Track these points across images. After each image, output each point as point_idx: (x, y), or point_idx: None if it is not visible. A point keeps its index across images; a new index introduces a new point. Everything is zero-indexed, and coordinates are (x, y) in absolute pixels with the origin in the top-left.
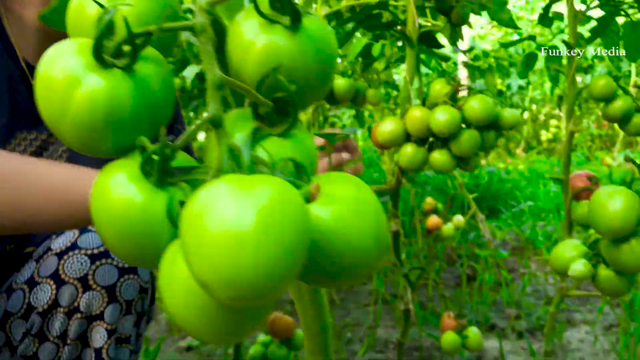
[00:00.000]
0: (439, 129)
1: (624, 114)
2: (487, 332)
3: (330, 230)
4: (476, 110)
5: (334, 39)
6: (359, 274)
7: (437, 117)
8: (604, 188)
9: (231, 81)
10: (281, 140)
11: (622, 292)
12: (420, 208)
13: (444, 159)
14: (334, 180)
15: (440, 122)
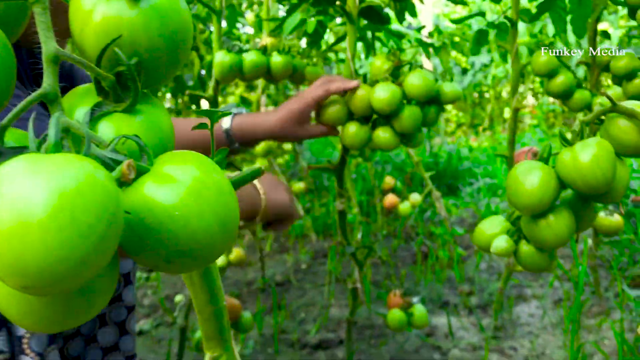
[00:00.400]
0: (380, 106)
1: (565, 89)
2: (439, 309)
3: (164, 212)
4: (416, 86)
5: (185, 11)
6: (200, 257)
7: (377, 94)
8: (521, 164)
9: (68, 55)
10: (127, 116)
11: (544, 268)
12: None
13: (387, 136)
14: (177, 160)
15: (380, 99)
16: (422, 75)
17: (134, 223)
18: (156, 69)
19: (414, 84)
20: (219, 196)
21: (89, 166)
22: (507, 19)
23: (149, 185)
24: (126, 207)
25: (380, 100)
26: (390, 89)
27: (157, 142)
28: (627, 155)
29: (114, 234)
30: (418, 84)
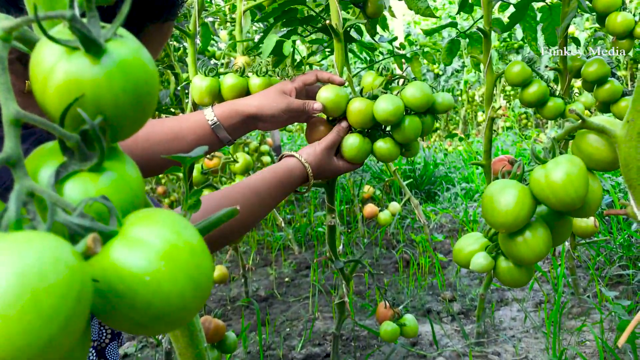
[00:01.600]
0: (385, 117)
1: (538, 98)
2: (422, 317)
3: (134, 277)
4: (416, 97)
5: (150, 63)
6: (173, 321)
7: (382, 106)
8: (495, 183)
9: (29, 116)
10: (94, 175)
11: (523, 283)
12: (359, 196)
13: (389, 146)
14: (146, 221)
15: (386, 110)
16: (420, 87)
17: (103, 290)
18: (122, 124)
19: (413, 96)
20: (191, 257)
21: (52, 244)
22: (480, 30)
23: (117, 251)
24: (95, 274)
25: (386, 112)
26: (394, 101)
27: (126, 199)
28: (599, 169)
29: (81, 311)
30: (417, 95)
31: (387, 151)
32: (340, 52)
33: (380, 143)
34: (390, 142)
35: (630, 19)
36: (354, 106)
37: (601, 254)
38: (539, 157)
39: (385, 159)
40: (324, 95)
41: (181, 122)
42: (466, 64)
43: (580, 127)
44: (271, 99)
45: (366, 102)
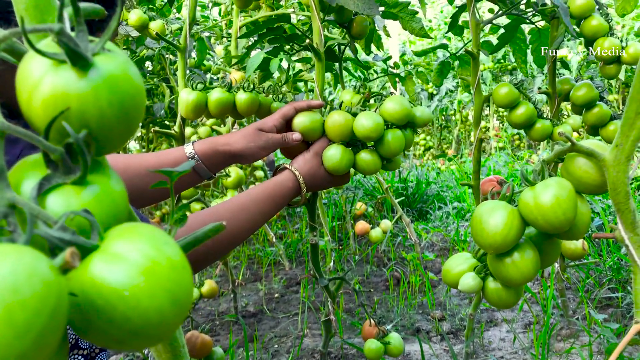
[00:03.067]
0: (366, 134)
1: (526, 120)
2: (411, 336)
3: (113, 292)
4: (395, 111)
5: (137, 77)
6: (152, 337)
7: (361, 122)
8: (484, 204)
9: (14, 128)
10: (77, 188)
11: (511, 304)
12: (351, 213)
13: (371, 159)
14: (127, 236)
15: (366, 127)
16: (399, 101)
17: (81, 304)
18: (107, 139)
19: (394, 109)
20: (171, 272)
21: (28, 257)
22: (468, 53)
23: (97, 265)
24: (73, 288)
25: (366, 129)
26: (374, 118)
27: (108, 213)
28: (588, 192)
29: (56, 326)
30: (396, 109)
31: (371, 163)
32: (320, 71)
33: (363, 154)
34: (373, 155)
35: (617, 45)
36: (333, 119)
37: (590, 276)
38: (528, 179)
39: (367, 171)
40: (299, 121)
41: (161, 157)
42: (460, 84)
43: (569, 150)
44: (250, 138)
45: (344, 115)
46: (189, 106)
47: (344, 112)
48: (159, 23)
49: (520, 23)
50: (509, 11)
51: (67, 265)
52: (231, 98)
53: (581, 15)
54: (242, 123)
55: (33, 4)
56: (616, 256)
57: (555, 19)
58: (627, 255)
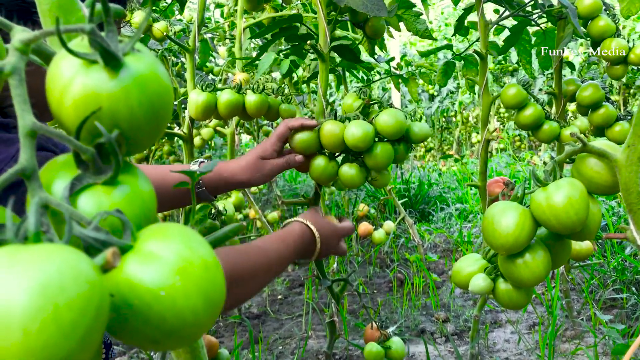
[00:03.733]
0: (354, 143)
1: (533, 121)
2: (416, 337)
3: (149, 292)
4: (388, 125)
5: (165, 77)
6: (187, 336)
7: (351, 131)
8: (496, 205)
9: (46, 128)
10: (108, 188)
11: (521, 305)
12: (354, 214)
13: (353, 173)
14: (160, 235)
15: (355, 136)
16: (393, 114)
17: (118, 305)
18: (137, 138)
19: (386, 123)
20: (205, 272)
21: (72, 257)
22: (476, 53)
23: (132, 265)
24: (110, 288)
25: (355, 138)
26: (364, 127)
27: (139, 213)
28: (599, 193)
29: (99, 325)
30: (390, 122)
31: (350, 177)
32: (324, 73)
33: (345, 168)
34: (355, 168)
35: (624, 46)
36: (327, 129)
37: (595, 277)
38: (540, 180)
39: (348, 184)
40: (297, 137)
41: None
42: (461, 85)
43: (581, 150)
44: (255, 168)
45: (338, 126)
46: (199, 107)
47: (337, 122)
48: (162, 24)
49: (526, 25)
50: (517, 12)
51: (108, 265)
52: (241, 99)
53: (588, 15)
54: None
55: (57, 4)
56: (620, 257)
57: (562, 20)
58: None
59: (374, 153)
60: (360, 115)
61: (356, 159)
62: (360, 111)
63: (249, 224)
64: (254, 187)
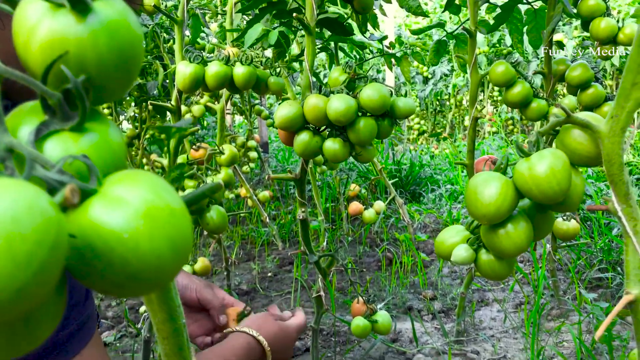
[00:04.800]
0: (335, 117)
1: (522, 99)
2: (403, 314)
3: (112, 235)
4: (371, 99)
5: (136, 26)
6: (151, 281)
7: (333, 105)
8: (479, 175)
9: (10, 71)
10: (75, 135)
11: (503, 276)
12: (345, 194)
13: (336, 148)
14: (127, 181)
15: (336, 110)
16: (377, 89)
17: (80, 247)
18: (106, 86)
19: (369, 97)
20: (171, 218)
21: (29, 191)
22: (466, 30)
23: (96, 208)
24: (72, 230)
25: (336, 111)
26: (346, 101)
27: (107, 161)
28: (582, 165)
29: (56, 261)
30: (373, 97)
31: (333, 152)
32: (311, 46)
33: (328, 143)
34: (339, 143)
35: (613, 25)
36: (310, 102)
37: (582, 257)
38: (523, 150)
39: (332, 159)
40: (280, 114)
41: None
42: (455, 68)
43: (565, 121)
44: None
45: (322, 99)
46: (187, 79)
47: (321, 96)
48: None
49: (517, 3)
50: None
51: (66, 202)
52: (229, 71)
53: None
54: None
55: None
56: (607, 238)
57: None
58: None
59: (356, 127)
60: (345, 89)
61: (340, 134)
62: (345, 85)
63: (240, 202)
64: (246, 166)
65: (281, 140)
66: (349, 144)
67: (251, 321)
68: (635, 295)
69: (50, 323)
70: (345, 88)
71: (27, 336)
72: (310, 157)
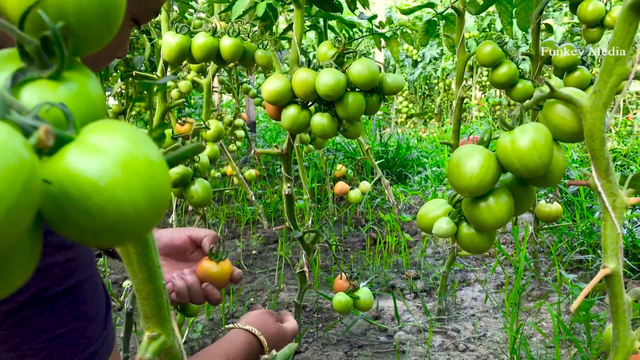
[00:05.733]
0: (324, 91)
1: (508, 79)
2: (386, 292)
3: (88, 183)
4: (360, 74)
5: None
6: (127, 232)
7: (322, 79)
8: (461, 148)
9: None
10: (53, 83)
11: (484, 249)
12: (331, 174)
13: (325, 123)
14: (105, 130)
15: (325, 84)
16: (367, 64)
17: (56, 194)
18: (85, 35)
19: (359, 72)
20: (149, 168)
21: (2, 131)
22: (454, 9)
23: (72, 155)
24: (47, 176)
25: (325, 86)
26: (335, 75)
27: (86, 112)
28: (565, 140)
29: (28, 203)
30: (362, 72)
31: (321, 127)
32: (299, 19)
33: (317, 118)
34: (327, 118)
35: (601, 8)
36: (299, 77)
37: (563, 240)
38: (507, 124)
39: (320, 134)
40: (268, 88)
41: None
42: (444, 52)
43: (549, 96)
44: None
45: (311, 74)
46: (173, 50)
47: (310, 70)
48: None
49: None
50: None
51: (41, 144)
52: (215, 43)
53: None
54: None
55: None
56: (589, 221)
57: None
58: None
59: (345, 102)
60: (334, 63)
61: (329, 109)
62: (334, 60)
63: (226, 180)
64: (232, 145)
65: (268, 115)
66: (337, 119)
67: (252, 319)
68: (612, 269)
69: (23, 270)
70: (334, 63)
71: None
72: (298, 131)
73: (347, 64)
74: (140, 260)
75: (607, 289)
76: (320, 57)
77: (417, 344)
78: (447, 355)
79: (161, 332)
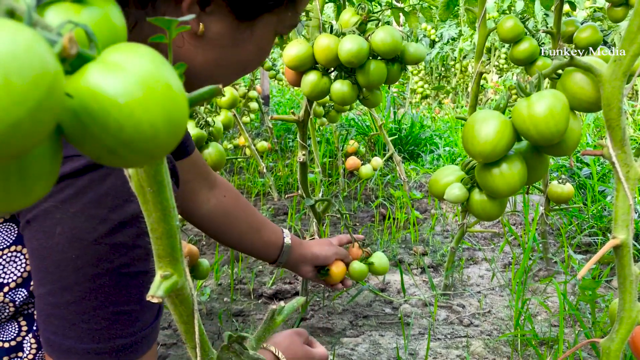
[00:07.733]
0: (347, 58)
1: (528, 56)
2: (393, 267)
3: (108, 99)
4: (383, 42)
5: None
6: (143, 151)
7: (345, 46)
8: (477, 113)
9: None
10: (77, 6)
11: (494, 217)
12: (343, 150)
13: (345, 90)
14: (127, 50)
15: (348, 51)
16: (390, 32)
17: (77, 108)
18: None
19: (382, 40)
20: (168, 91)
21: (28, 33)
22: None
23: (93, 72)
24: (69, 91)
25: (348, 52)
26: (358, 42)
27: (107, 37)
28: (582, 110)
29: (51, 106)
30: (385, 40)
31: (341, 94)
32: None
33: (337, 85)
34: (348, 85)
35: None
36: (321, 42)
37: (573, 222)
38: (524, 90)
39: (339, 101)
40: (289, 53)
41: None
42: (463, 32)
43: (568, 64)
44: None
45: (333, 40)
46: None
47: (332, 35)
48: None
49: None
50: None
51: (64, 53)
52: None
53: None
54: None
55: None
56: (600, 204)
57: None
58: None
59: (366, 70)
60: (356, 30)
61: (349, 76)
62: (357, 27)
63: (238, 151)
64: (246, 116)
65: (288, 81)
66: (357, 87)
67: (281, 339)
68: (622, 240)
69: (43, 182)
70: (357, 30)
71: (22, 188)
72: (317, 98)
73: (370, 31)
74: (155, 200)
75: (616, 260)
76: (342, 24)
77: (422, 317)
78: (451, 329)
79: (173, 272)
